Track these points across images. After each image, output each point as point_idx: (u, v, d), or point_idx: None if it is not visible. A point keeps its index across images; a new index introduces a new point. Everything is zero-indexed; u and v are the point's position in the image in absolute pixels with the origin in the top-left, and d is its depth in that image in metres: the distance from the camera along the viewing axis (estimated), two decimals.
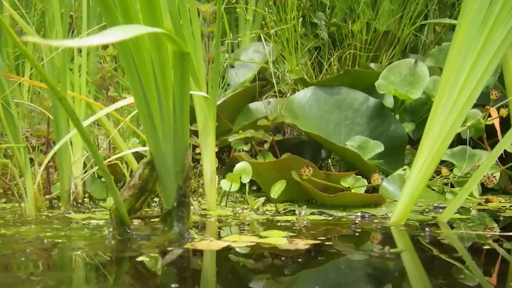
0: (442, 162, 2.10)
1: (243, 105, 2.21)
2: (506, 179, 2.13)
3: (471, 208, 1.78)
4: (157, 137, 1.23)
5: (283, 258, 1.06)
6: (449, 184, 1.99)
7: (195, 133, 1.93)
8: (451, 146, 2.15)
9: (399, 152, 2.12)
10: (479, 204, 1.84)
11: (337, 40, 2.46)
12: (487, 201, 1.91)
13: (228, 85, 2.36)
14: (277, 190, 1.67)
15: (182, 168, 1.25)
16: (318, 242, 1.20)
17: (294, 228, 1.38)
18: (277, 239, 1.22)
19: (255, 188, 2.03)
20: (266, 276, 0.95)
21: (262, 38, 2.36)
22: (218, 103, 2.21)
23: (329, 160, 2.31)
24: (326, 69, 2.40)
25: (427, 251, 1.17)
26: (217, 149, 2.08)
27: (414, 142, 2.27)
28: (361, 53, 2.37)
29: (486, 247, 1.19)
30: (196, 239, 1.21)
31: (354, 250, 1.14)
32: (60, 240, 1.21)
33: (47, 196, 1.72)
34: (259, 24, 2.49)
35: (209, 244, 1.16)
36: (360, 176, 1.84)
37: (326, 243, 1.19)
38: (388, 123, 2.11)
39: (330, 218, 1.56)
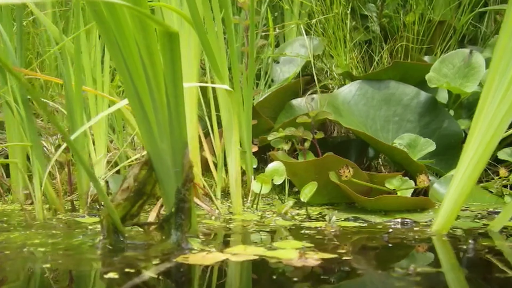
0: (502, 162, 1.80)
1: (286, 102, 1.98)
2: None
3: None
4: (152, 133, 1.02)
5: (274, 277, 0.82)
6: (509, 186, 1.69)
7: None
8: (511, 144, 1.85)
9: (453, 151, 1.82)
10: None
11: (388, 33, 2.18)
12: None
13: (272, 81, 2.12)
14: (307, 192, 1.42)
15: (181, 169, 1.03)
16: (335, 256, 0.95)
17: (318, 237, 1.14)
18: (288, 252, 0.98)
19: (297, 190, 1.79)
20: None
21: (303, 31, 2.11)
22: (260, 99, 1.99)
23: (380, 160, 2.04)
24: (377, 63, 2.13)
25: (468, 271, 0.90)
26: (256, 148, 1.87)
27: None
28: (414, 45, 2.08)
29: None
30: (195, 250, 0.99)
31: (372, 269, 0.88)
32: (42, 249, 1.01)
33: (68, 198, 1.53)
34: (305, 18, 2.24)
35: (204, 258, 0.93)
36: (407, 178, 1.57)
37: (344, 257, 0.94)
38: (441, 120, 1.83)
39: (365, 224, 1.30)
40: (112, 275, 0.82)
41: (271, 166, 1.55)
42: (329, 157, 1.58)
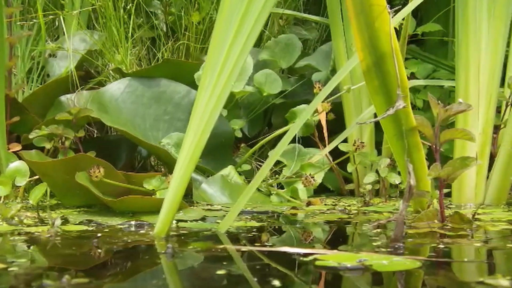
0: (278, 163, 1.77)
1: (57, 98, 1.83)
2: (340, 179, 1.81)
3: (283, 212, 1.45)
4: None
5: None
6: (276, 186, 1.66)
7: None
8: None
9: (224, 150, 1.77)
10: (294, 207, 1.51)
11: (174, 31, 2.09)
12: (309, 204, 1.57)
13: (48, 76, 1.96)
14: (37, 194, 1.28)
15: None
16: (4, 266, 0.82)
17: (20, 244, 1.01)
18: None
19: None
20: None
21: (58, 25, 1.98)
22: (28, 95, 1.83)
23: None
24: (159, 60, 2.03)
25: (136, 282, 0.80)
26: (19, 147, 1.71)
27: (250, 139, 1.94)
28: (196, 44, 2.01)
29: (221, 271, 0.83)
30: None
31: (23, 281, 0.76)
32: None
33: None
34: (87, 12, 2.09)
35: None
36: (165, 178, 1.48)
37: (10, 268, 0.82)
38: None
39: (93, 228, 1.18)
40: None
41: (12, 166, 1.40)
42: (80, 157, 1.45)
